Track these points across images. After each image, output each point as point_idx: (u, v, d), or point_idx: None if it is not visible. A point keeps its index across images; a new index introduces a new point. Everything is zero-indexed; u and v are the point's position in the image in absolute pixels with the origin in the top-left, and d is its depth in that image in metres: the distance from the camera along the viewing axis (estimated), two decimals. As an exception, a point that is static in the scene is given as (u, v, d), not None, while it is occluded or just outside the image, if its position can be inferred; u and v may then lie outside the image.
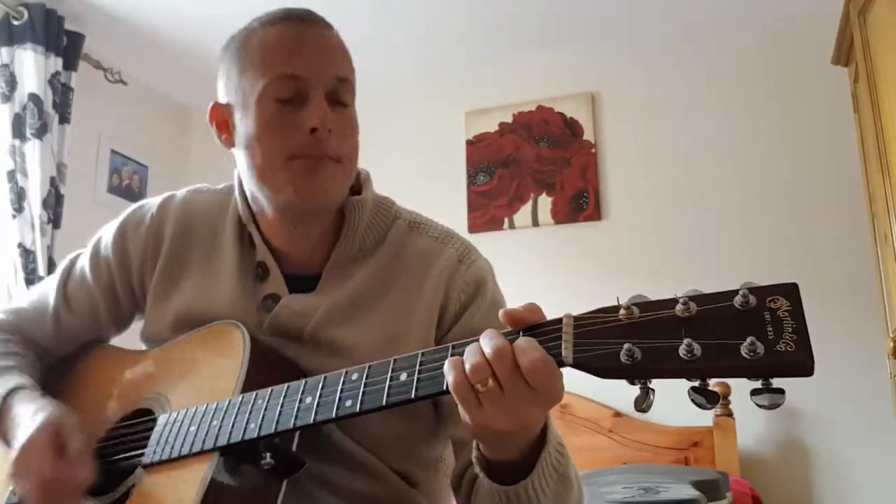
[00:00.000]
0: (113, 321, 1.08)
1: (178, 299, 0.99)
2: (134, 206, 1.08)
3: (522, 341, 0.64)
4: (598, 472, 2.30)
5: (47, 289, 1.09)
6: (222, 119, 0.96)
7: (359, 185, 1.00)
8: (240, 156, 0.94)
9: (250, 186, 0.95)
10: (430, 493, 0.97)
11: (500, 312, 0.68)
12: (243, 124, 0.91)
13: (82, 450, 0.89)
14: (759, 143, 2.85)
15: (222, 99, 0.96)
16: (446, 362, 0.66)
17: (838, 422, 2.57)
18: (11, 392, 0.96)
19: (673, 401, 0.95)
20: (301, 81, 0.88)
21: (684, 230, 2.87)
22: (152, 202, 1.06)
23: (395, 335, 0.91)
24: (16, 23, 2.68)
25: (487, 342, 0.65)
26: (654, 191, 2.95)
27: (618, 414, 2.69)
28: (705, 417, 2.54)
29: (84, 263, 1.07)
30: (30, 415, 0.92)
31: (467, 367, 0.64)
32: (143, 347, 1.04)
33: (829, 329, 2.50)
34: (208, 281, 0.98)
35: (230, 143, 0.95)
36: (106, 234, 1.06)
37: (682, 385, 0.60)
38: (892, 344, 1.96)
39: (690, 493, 1.96)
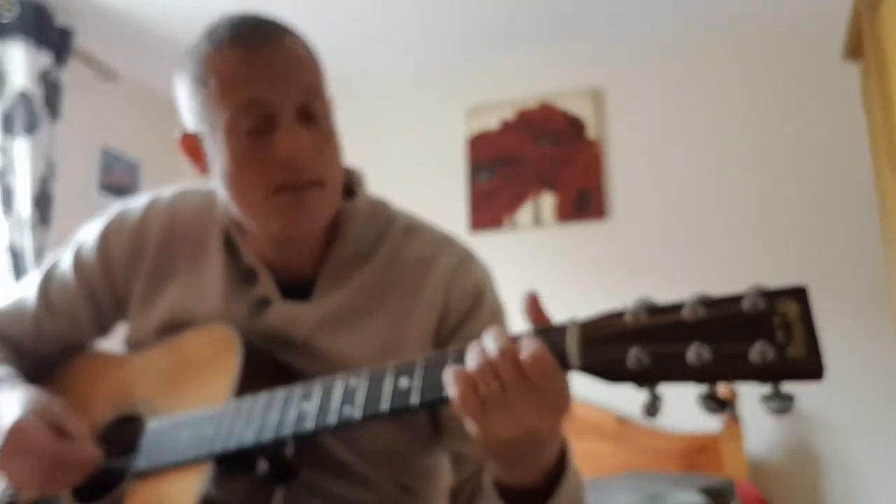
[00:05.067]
0: (94, 326, 1.04)
1: (163, 304, 0.96)
2: (116, 208, 1.03)
3: (526, 340, 0.64)
4: (602, 479, 2.25)
5: (27, 291, 1.05)
6: (194, 148, 0.90)
7: (352, 186, 0.96)
8: (218, 186, 0.89)
9: (233, 212, 0.90)
10: (426, 501, 0.96)
11: (526, 297, 0.68)
12: (216, 158, 0.86)
13: (83, 426, 0.87)
14: (772, 141, 2.79)
15: (190, 127, 0.89)
16: (447, 371, 0.65)
17: (849, 426, 2.51)
18: None
19: (678, 406, 0.90)
20: (266, 106, 0.82)
21: (690, 229, 2.82)
22: (136, 205, 1.02)
23: (391, 344, 0.89)
24: (5, 15, 2.62)
25: (492, 341, 0.64)
26: (661, 189, 2.90)
27: (621, 419, 2.63)
28: (711, 423, 2.48)
29: (65, 267, 1.02)
30: (13, 400, 0.89)
31: (472, 364, 0.63)
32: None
33: (840, 332, 2.45)
34: (195, 285, 0.95)
35: (207, 171, 0.90)
36: (88, 238, 1.02)
37: (687, 390, 0.59)
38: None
39: (697, 500, 1.94)
